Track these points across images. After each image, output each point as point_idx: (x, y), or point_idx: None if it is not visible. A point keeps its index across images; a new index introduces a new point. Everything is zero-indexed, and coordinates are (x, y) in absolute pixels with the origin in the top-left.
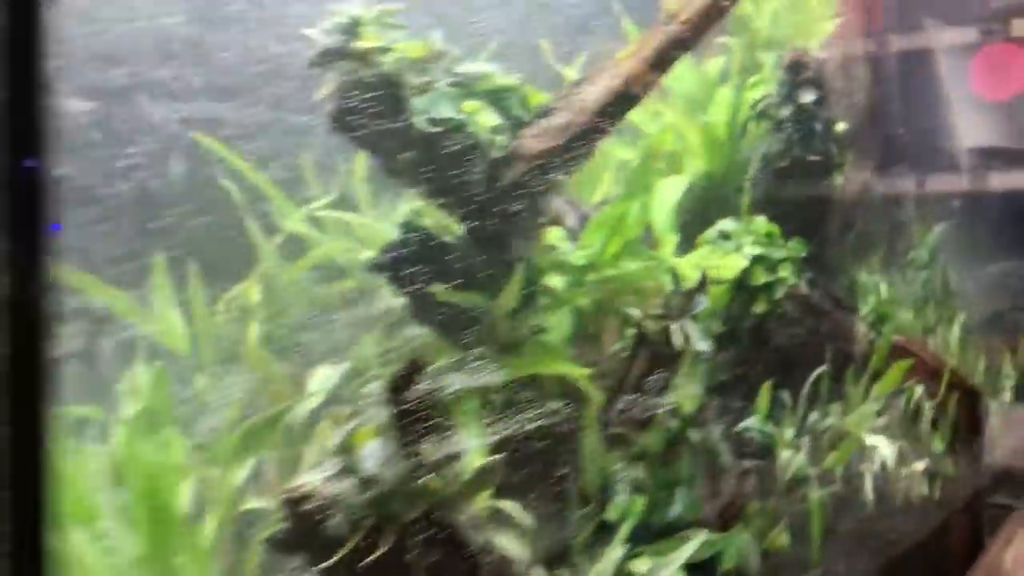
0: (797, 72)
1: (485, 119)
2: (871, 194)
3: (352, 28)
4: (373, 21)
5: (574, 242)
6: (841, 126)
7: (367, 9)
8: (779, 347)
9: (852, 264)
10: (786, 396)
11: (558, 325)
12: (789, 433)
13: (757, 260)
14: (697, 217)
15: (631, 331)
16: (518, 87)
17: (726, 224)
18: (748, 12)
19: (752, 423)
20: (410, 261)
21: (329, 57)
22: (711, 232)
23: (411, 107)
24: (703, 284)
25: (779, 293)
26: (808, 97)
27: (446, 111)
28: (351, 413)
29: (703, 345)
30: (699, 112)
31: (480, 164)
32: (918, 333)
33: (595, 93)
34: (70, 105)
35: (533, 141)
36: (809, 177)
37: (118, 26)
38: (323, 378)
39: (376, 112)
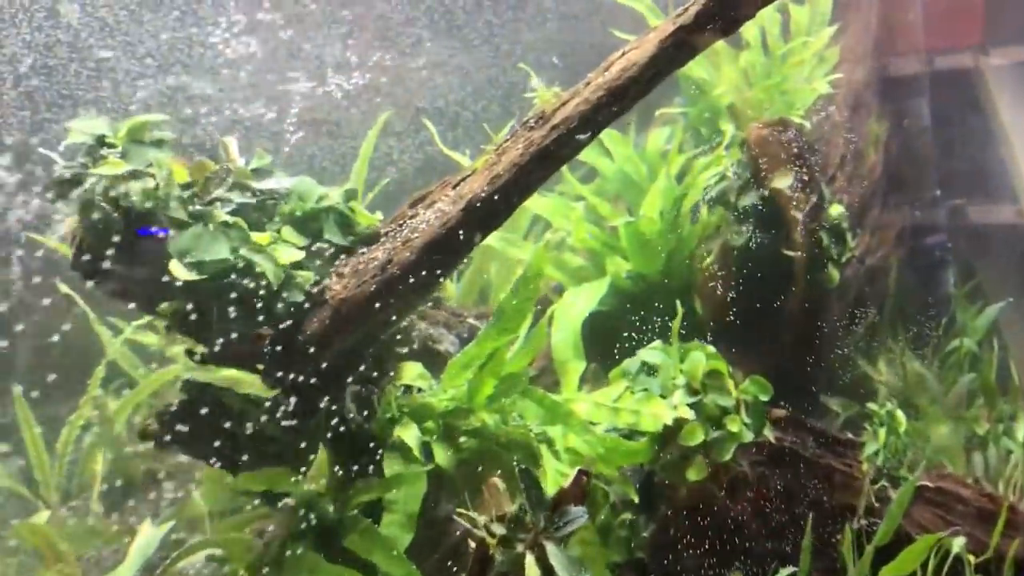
0: (765, 151)
1: (283, 254)
2: (893, 266)
3: (94, 151)
4: (126, 138)
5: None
6: (837, 209)
7: (118, 123)
8: (728, 527)
9: (858, 379)
10: None
11: (405, 498)
12: None
13: (690, 410)
14: (624, 331)
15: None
16: (336, 207)
17: (651, 353)
18: (703, 76)
19: None
20: (194, 429)
21: (65, 188)
22: (631, 363)
23: (168, 247)
24: (577, 486)
25: (727, 453)
26: (782, 182)
27: (216, 252)
28: None
29: None
30: (634, 198)
31: (274, 312)
32: (958, 452)
33: (427, 223)
34: None
35: (340, 285)
36: (786, 277)
37: None
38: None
39: (123, 255)
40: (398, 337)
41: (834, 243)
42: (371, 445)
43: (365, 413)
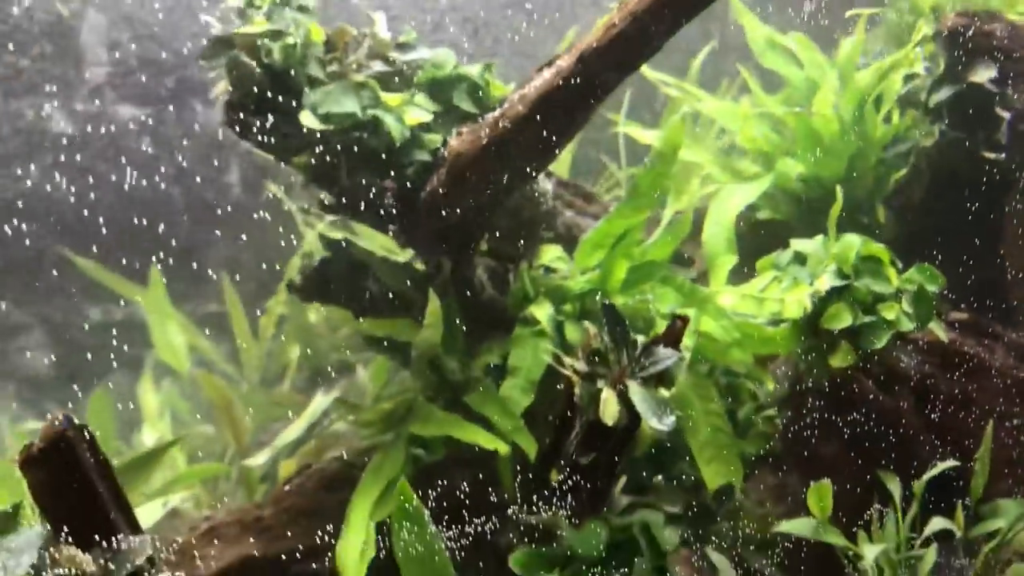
0: (961, 42)
1: (411, 115)
2: None
3: (244, 12)
4: (271, 0)
5: None
6: None
7: None
8: (878, 424)
9: None
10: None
11: (529, 365)
12: None
13: (836, 294)
14: (787, 235)
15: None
16: (468, 76)
17: (804, 243)
18: None
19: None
20: (332, 283)
21: (217, 48)
22: (783, 254)
23: (304, 102)
24: (672, 331)
25: (879, 341)
26: (983, 74)
27: (344, 105)
28: None
29: (659, 421)
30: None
31: (400, 168)
32: None
33: (543, 79)
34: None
35: (456, 141)
36: (991, 185)
37: None
38: None
39: (266, 107)
40: (540, 222)
41: None
42: (504, 317)
43: (499, 286)
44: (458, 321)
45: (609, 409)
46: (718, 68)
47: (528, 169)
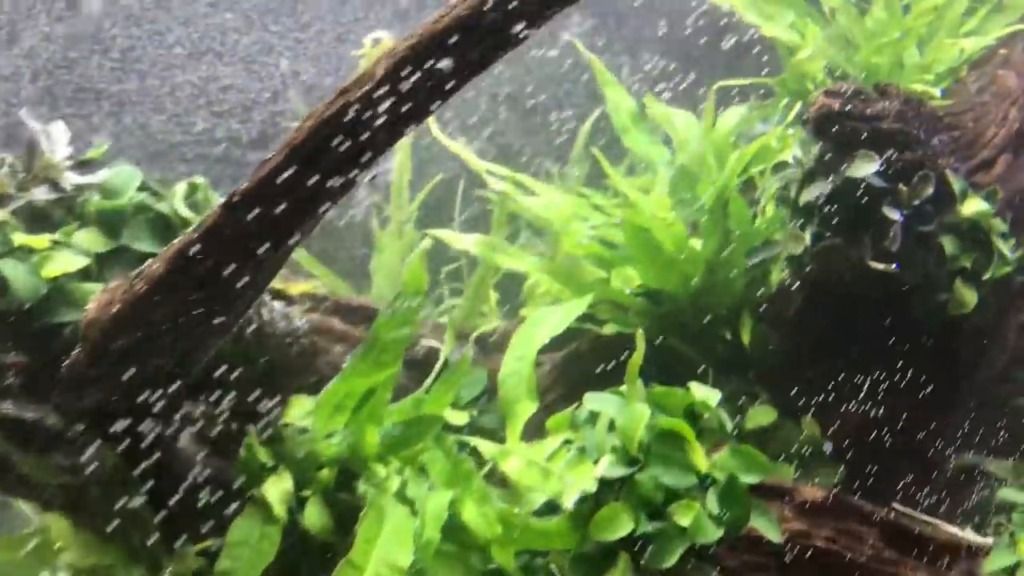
0: (835, 129)
1: (56, 263)
2: None
3: None
4: None
5: None
6: (975, 205)
7: None
8: None
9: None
10: None
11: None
12: None
13: (612, 488)
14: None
15: None
16: (149, 207)
17: (600, 399)
18: (790, 37)
19: None
20: None
21: None
22: (580, 411)
23: None
24: None
25: (667, 558)
26: (863, 168)
27: None
28: None
29: None
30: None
31: (32, 335)
32: None
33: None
34: None
35: (93, 305)
36: (884, 301)
37: None
38: None
39: None
40: (290, 369)
41: (967, 252)
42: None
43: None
44: (147, 518)
45: None
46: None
47: (201, 330)
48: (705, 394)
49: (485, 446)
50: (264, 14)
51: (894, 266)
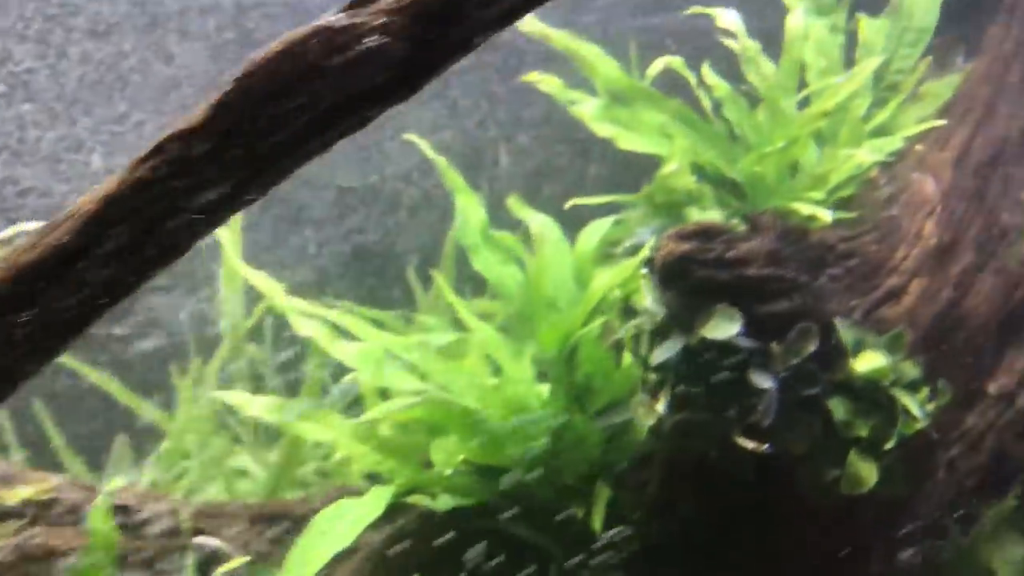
0: (687, 283)
1: None
2: None
3: None
4: None
5: None
6: (873, 360)
7: None
8: None
9: None
10: None
11: None
12: None
13: None
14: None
15: None
16: None
17: None
18: (656, 151)
19: None
20: None
21: None
22: None
23: None
24: None
25: None
26: (723, 329)
27: None
28: None
29: None
30: None
31: None
32: None
33: None
34: None
35: None
36: (762, 479)
37: None
38: None
39: None
40: None
41: (862, 417)
42: None
43: None
44: None
45: None
46: None
47: None
48: None
49: None
50: (72, 104)
51: (765, 447)
